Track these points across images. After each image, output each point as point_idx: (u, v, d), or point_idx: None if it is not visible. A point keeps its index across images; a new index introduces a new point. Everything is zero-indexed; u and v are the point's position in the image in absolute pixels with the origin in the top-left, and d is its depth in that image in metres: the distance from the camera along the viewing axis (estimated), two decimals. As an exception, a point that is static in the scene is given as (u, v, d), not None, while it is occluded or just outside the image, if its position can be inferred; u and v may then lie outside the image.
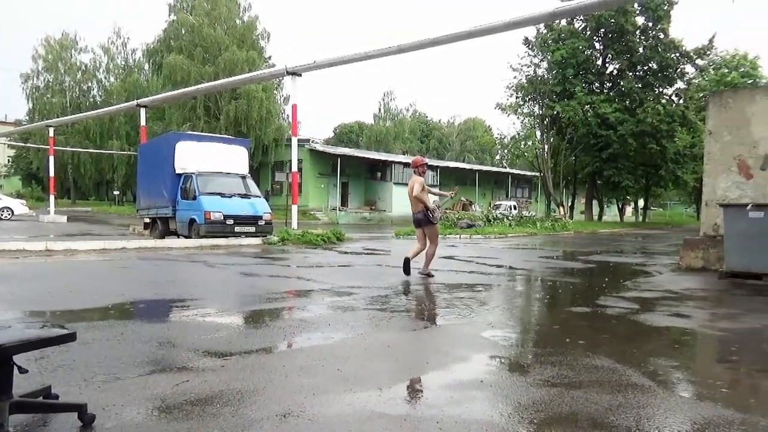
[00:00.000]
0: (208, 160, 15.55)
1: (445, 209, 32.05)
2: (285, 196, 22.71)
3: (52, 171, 28.81)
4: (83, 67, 51.22)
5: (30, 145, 45.82)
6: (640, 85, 36.86)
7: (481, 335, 4.75)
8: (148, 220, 17.66)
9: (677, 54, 36.68)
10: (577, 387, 3.36)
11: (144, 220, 18.08)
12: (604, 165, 37.38)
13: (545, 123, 36.55)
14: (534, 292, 8.03)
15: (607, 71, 39.01)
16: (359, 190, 44.19)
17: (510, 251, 14.45)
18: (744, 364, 4.26)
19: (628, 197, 49.72)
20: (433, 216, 8.30)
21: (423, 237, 8.62)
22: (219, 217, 14.26)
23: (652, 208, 62.85)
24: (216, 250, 12.46)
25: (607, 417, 2.88)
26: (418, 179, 8.31)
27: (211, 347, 4.12)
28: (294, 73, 17.05)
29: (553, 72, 36.55)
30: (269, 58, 46.04)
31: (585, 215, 41.89)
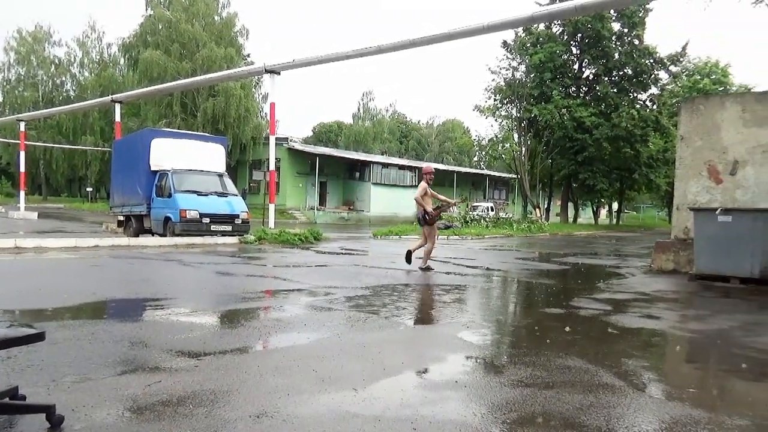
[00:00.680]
0: (184, 157, 15.35)
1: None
2: (262, 195, 22.54)
3: (22, 166, 28.18)
4: (57, 60, 50.23)
5: (0, 139, 44.71)
6: (615, 90, 37.51)
7: (457, 336, 4.78)
8: (122, 218, 17.37)
9: (651, 60, 37.39)
10: (549, 387, 3.41)
11: (118, 217, 17.78)
12: (579, 168, 37.91)
13: (522, 126, 36.88)
14: (510, 294, 8.11)
15: (584, 76, 39.59)
16: (337, 189, 44.09)
17: (487, 252, 14.57)
18: (711, 364, 4.36)
19: (603, 200, 50.50)
20: (429, 218, 9.41)
21: (423, 234, 9.79)
22: (195, 215, 14.09)
23: (625, 211, 63.90)
24: (191, 249, 12.32)
25: (578, 416, 2.93)
26: (422, 185, 9.53)
27: (185, 347, 4.07)
28: (273, 71, 16.96)
29: (531, 75, 36.91)
30: (248, 55, 45.75)
31: (561, 217, 42.41)
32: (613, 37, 37.11)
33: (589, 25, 35.78)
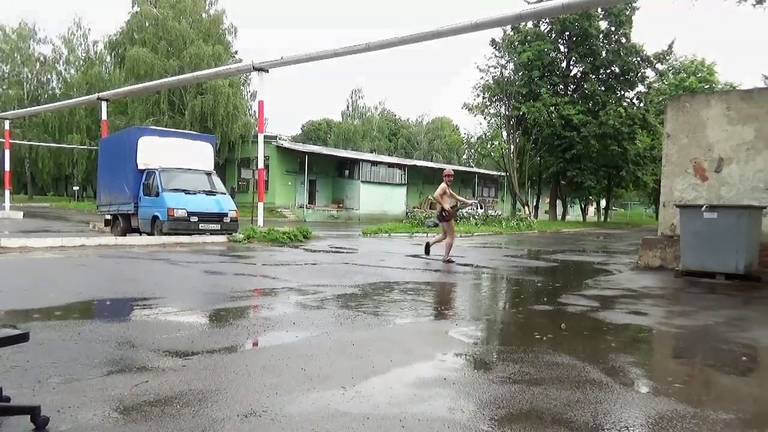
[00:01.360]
0: (171, 155, 15.22)
1: (413, 207, 37.10)
2: (251, 193, 22.42)
3: (7, 165, 27.84)
4: (42, 58, 49.66)
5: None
6: (602, 88, 37.80)
7: (446, 333, 4.79)
8: (109, 217, 17.20)
9: (638, 58, 37.72)
10: (538, 384, 3.43)
11: (105, 216, 17.59)
12: (567, 165, 38.17)
13: (511, 123, 37.05)
14: (499, 291, 8.15)
15: (572, 74, 39.86)
16: (327, 188, 44.01)
17: (476, 250, 14.61)
18: (697, 360, 4.41)
19: (591, 197, 50.93)
20: (446, 215, 10.70)
21: (443, 230, 11.01)
22: (183, 214, 13.98)
23: (613, 209, 64.44)
24: (179, 248, 12.24)
25: (566, 412, 2.95)
26: (442, 186, 10.78)
27: (173, 347, 4.05)
28: (261, 69, 16.88)
29: (520, 73, 37.08)
30: (236, 53, 45.45)
31: (549, 215, 42.68)
32: (601, 35, 37.40)
33: (577, 24, 36.03)
